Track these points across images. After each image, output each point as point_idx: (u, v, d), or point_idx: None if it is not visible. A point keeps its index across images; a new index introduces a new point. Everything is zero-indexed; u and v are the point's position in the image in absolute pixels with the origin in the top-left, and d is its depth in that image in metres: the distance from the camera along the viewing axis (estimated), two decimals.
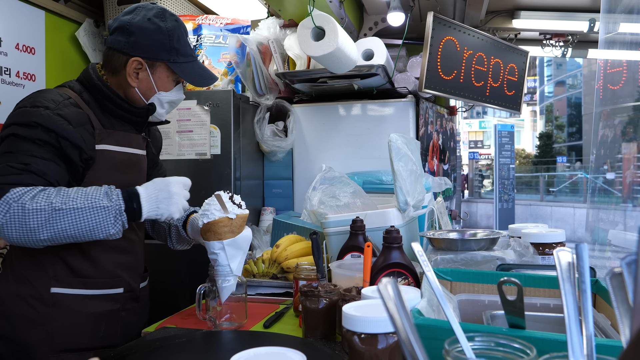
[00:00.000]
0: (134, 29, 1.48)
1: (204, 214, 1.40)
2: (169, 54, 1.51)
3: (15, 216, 1.24)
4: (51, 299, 1.42)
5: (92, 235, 1.30)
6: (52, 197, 1.27)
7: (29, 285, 1.42)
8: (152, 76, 1.53)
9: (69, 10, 2.62)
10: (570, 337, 0.59)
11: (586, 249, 0.63)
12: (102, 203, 1.29)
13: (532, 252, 1.37)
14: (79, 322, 1.44)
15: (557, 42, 3.19)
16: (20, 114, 1.37)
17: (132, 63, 1.49)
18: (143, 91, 1.54)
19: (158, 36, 1.49)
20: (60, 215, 1.26)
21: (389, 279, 0.44)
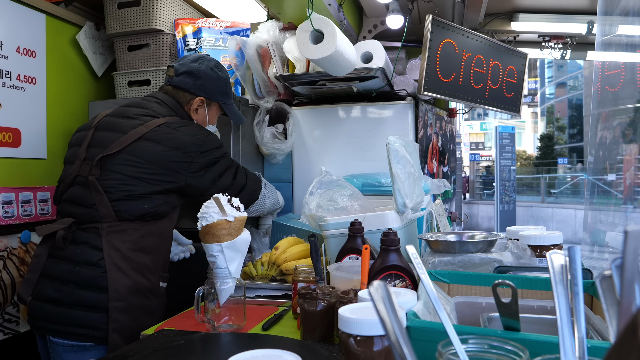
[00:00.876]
0: (202, 74, 1.91)
1: (203, 216, 1.41)
2: (223, 96, 1.99)
3: (265, 190, 2.12)
4: (160, 291, 1.74)
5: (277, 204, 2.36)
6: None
7: (145, 279, 1.68)
8: (208, 112, 1.98)
9: (69, 14, 2.63)
10: (562, 339, 0.60)
11: (579, 252, 0.63)
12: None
13: (529, 255, 1.38)
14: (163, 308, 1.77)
15: (556, 44, 3.19)
16: (214, 140, 1.84)
17: (197, 101, 1.92)
18: (199, 123, 1.95)
19: (218, 83, 1.96)
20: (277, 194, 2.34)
21: (380, 282, 0.44)
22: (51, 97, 2.49)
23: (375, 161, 2.54)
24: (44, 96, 2.46)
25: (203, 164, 1.75)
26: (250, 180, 1.96)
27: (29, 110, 2.36)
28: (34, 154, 2.39)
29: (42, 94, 2.45)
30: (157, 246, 1.74)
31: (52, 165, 2.46)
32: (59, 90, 2.56)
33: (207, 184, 1.77)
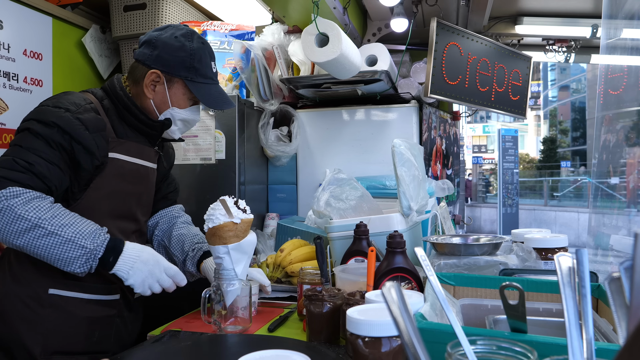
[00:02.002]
0: (159, 43, 1.54)
1: (209, 218, 1.41)
2: (187, 71, 1.55)
3: (2, 213, 1.26)
4: (48, 299, 1.43)
5: (59, 265, 1.31)
6: (42, 211, 1.29)
7: (26, 285, 1.43)
8: (168, 91, 1.56)
9: (75, 17, 2.65)
10: (570, 341, 0.60)
11: (586, 254, 0.64)
12: (83, 242, 1.31)
13: (534, 257, 1.38)
14: (74, 325, 1.45)
15: (560, 47, 3.20)
16: (41, 112, 1.40)
17: (150, 75, 1.54)
18: (157, 104, 1.58)
19: (180, 53, 1.53)
20: (39, 233, 1.28)
21: (393, 283, 0.45)
22: None
23: (379, 164, 2.55)
24: None
25: (19, 129, 1.41)
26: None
27: None
28: None
29: (49, 96, 2.46)
30: None
31: None
32: None
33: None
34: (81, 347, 1.46)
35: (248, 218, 1.45)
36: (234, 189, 2.36)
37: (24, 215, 1.26)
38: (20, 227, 1.26)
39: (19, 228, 1.26)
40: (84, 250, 1.30)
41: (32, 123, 1.37)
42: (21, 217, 1.26)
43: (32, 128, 1.36)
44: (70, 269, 1.31)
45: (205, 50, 1.59)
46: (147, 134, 1.61)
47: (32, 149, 1.34)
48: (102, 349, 1.50)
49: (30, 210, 1.27)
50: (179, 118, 1.62)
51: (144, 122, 1.57)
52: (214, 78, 1.62)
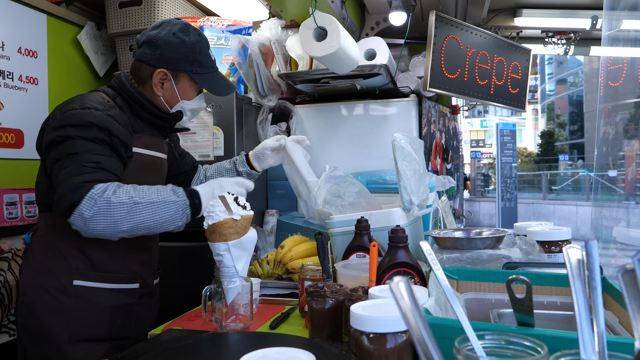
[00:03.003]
0: (160, 42, 1.61)
1: (209, 215, 1.40)
2: (191, 65, 1.63)
3: (101, 209, 1.34)
4: (73, 290, 1.51)
5: (164, 227, 1.44)
6: (130, 192, 1.40)
7: (52, 277, 1.51)
8: (176, 86, 1.65)
9: (70, 14, 2.63)
10: (581, 335, 0.59)
11: (596, 246, 0.62)
12: (172, 198, 1.44)
13: (538, 250, 1.37)
14: (97, 314, 1.53)
15: (559, 39, 3.18)
16: (73, 116, 1.45)
17: (158, 74, 1.62)
18: (168, 100, 1.67)
19: (182, 49, 1.61)
20: (140, 208, 1.38)
21: (401, 277, 0.44)
22: (53, 98, 2.49)
23: (378, 159, 2.53)
24: (46, 97, 2.45)
25: (50, 140, 1.45)
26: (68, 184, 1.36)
27: (31, 111, 2.35)
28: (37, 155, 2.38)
29: (45, 95, 2.45)
30: (71, 239, 1.52)
31: None
32: (61, 90, 2.56)
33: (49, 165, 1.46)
34: (104, 334, 1.55)
35: (248, 215, 1.43)
36: None
37: (120, 201, 1.36)
38: (122, 212, 1.36)
39: (121, 214, 1.36)
40: (176, 204, 1.44)
41: (70, 130, 1.43)
42: (119, 203, 1.36)
43: (72, 135, 1.43)
44: (175, 225, 1.45)
45: (202, 41, 1.67)
46: (161, 126, 1.70)
47: (88, 151, 1.42)
48: (123, 335, 1.59)
49: (122, 196, 1.37)
50: (189, 109, 1.72)
51: (158, 115, 1.65)
52: (214, 66, 1.71)
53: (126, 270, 1.60)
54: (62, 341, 1.48)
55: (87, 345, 1.51)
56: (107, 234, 1.39)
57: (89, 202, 1.33)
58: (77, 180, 1.36)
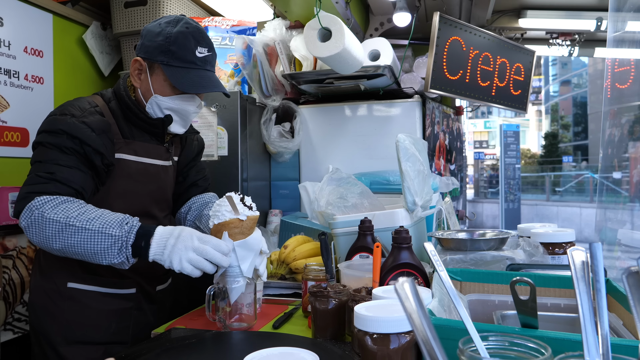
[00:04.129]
0: (145, 32, 1.56)
1: (215, 214, 1.40)
2: (164, 55, 1.51)
3: (35, 222, 1.31)
4: (67, 292, 1.52)
5: (97, 259, 1.32)
6: (70, 211, 1.32)
7: (50, 279, 1.54)
8: (150, 78, 1.54)
9: (76, 14, 2.64)
10: (585, 337, 0.59)
11: (600, 248, 0.62)
12: (111, 231, 1.30)
13: (541, 252, 1.37)
14: (92, 317, 1.53)
15: (563, 41, 3.17)
16: (49, 122, 1.46)
17: (134, 63, 1.55)
18: (143, 92, 1.58)
19: (158, 38, 1.51)
20: (72, 231, 1.30)
21: (406, 278, 0.44)
22: (58, 97, 2.50)
23: (382, 159, 2.54)
24: (51, 96, 2.46)
25: (34, 144, 1.47)
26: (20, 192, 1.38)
27: (36, 110, 2.36)
28: None
29: (50, 94, 2.45)
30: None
31: None
32: (67, 89, 2.56)
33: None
34: (99, 337, 1.54)
35: (254, 215, 1.43)
36: (236, 186, 2.35)
37: (54, 218, 1.31)
38: (52, 230, 1.30)
39: (52, 231, 1.31)
40: (114, 238, 1.30)
41: (43, 136, 1.44)
42: (52, 220, 1.31)
43: (43, 141, 1.43)
44: (108, 260, 1.31)
45: (188, 34, 1.52)
46: (151, 132, 1.62)
47: (49, 160, 1.40)
48: (120, 339, 1.58)
49: (59, 213, 1.31)
50: (165, 107, 1.57)
51: (145, 120, 1.59)
52: (198, 63, 1.54)
53: (120, 275, 1.57)
54: (57, 342, 1.50)
55: (82, 347, 1.51)
56: (42, 247, 1.36)
57: (27, 212, 1.33)
58: (25, 190, 1.36)
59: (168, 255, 1.30)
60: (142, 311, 1.65)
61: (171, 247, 1.30)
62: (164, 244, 1.31)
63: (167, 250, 1.30)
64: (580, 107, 32.13)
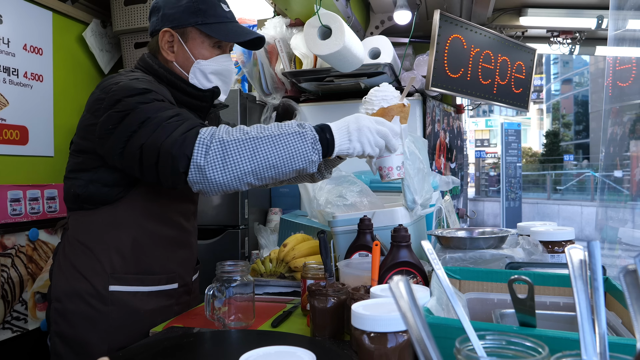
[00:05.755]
0: (160, 3, 1.45)
1: (383, 98, 1.37)
2: (195, 16, 1.42)
3: (217, 153, 1.16)
4: (109, 297, 1.38)
5: (293, 163, 1.20)
6: (243, 129, 1.20)
7: (85, 282, 1.37)
8: (186, 45, 1.44)
9: (76, 11, 2.63)
10: (582, 336, 0.59)
11: (598, 247, 0.62)
12: (296, 129, 1.21)
13: (541, 250, 1.36)
14: (137, 320, 1.41)
15: (564, 39, 3.17)
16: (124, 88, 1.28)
17: (163, 36, 1.44)
18: (182, 63, 1.46)
19: (182, 2, 1.42)
20: (260, 143, 1.17)
21: (401, 277, 0.43)
22: (58, 95, 2.50)
23: None
24: (50, 93, 2.46)
25: (108, 123, 1.26)
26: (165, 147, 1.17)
27: (36, 108, 2.36)
28: (42, 152, 2.39)
29: (49, 92, 2.45)
30: (105, 241, 1.39)
31: (60, 163, 2.46)
32: (66, 87, 2.56)
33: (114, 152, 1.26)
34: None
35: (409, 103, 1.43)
36: None
37: (235, 138, 1.17)
38: (240, 150, 1.17)
39: (239, 153, 1.17)
40: (303, 135, 1.20)
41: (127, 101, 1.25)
42: (234, 141, 1.17)
43: (132, 104, 1.25)
44: (307, 160, 1.21)
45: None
46: (198, 107, 1.50)
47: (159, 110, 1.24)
48: None
49: (235, 134, 1.18)
50: (210, 71, 1.47)
51: (194, 94, 1.47)
52: (229, 17, 1.48)
53: (165, 270, 1.48)
54: (101, 352, 1.34)
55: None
56: (230, 182, 1.17)
57: (201, 148, 1.15)
58: (173, 137, 1.17)
59: (357, 140, 1.25)
60: (181, 305, 1.56)
61: (357, 132, 1.25)
62: (346, 131, 1.26)
63: (353, 136, 1.25)
64: (581, 105, 32.11)
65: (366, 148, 1.27)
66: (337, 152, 1.27)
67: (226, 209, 2.39)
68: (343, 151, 1.27)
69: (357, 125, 1.26)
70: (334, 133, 1.25)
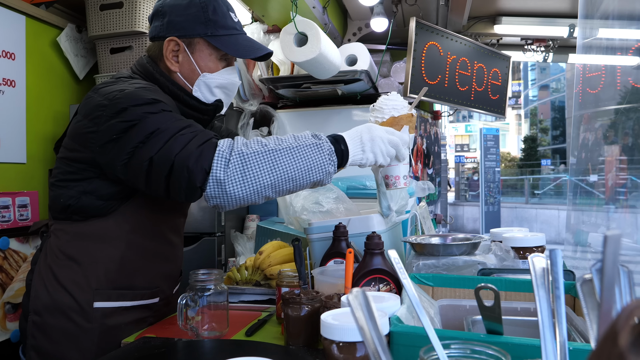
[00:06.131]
0: (166, 8, 1.37)
1: (394, 107, 1.40)
2: (205, 27, 1.35)
3: (236, 166, 1.13)
4: (93, 313, 1.32)
5: (311, 175, 1.20)
6: (261, 141, 1.18)
7: (69, 296, 1.31)
8: (192, 56, 1.37)
9: (50, 16, 2.60)
10: (544, 342, 0.60)
11: (560, 254, 0.63)
12: (313, 141, 1.20)
13: (512, 256, 1.38)
14: (118, 334, 1.36)
15: (538, 47, 3.23)
16: (130, 96, 1.22)
17: (168, 44, 1.36)
18: (186, 75, 1.40)
19: (191, 10, 1.35)
20: (278, 155, 1.16)
21: (359, 289, 0.43)
22: (31, 101, 2.45)
23: None
24: (23, 99, 2.42)
25: (112, 132, 1.20)
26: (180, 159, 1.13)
27: (8, 114, 2.32)
28: (13, 159, 2.35)
29: (22, 97, 2.41)
30: (93, 255, 1.33)
31: (32, 170, 2.42)
32: (40, 93, 2.52)
33: (117, 163, 1.21)
34: None
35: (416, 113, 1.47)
36: None
37: (254, 151, 1.15)
38: (259, 164, 1.14)
39: (258, 166, 1.14)
40: (319, 147, 1.19)
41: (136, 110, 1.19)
42: (253, 154, 1.14)
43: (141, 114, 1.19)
44: (324, 172, 1.21)
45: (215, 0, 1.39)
46: (199, 120, 1.41)
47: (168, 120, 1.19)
48: None
49: (253, 146, 1.16)
50: (215, 85, 1.42)
51: (197, 108, 1.42)
52: (238, 28, 1.43)
53: (149, 285, 1.44)
54: None
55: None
56: (250, 196, 1.16)
57: (221, 161, 1.12)
58: (188, 149, 1.13)
59: (371, 150, 1.26)
60: (158, 317, 1.52)
61: (370, 143, 1.26)
62: (359, 142, 1.26)
63: (366, 147, 1.26)
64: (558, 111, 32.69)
65: (379, 158, 1.29)
66: (351, 162, 1.27)
67: (202, 216, 2.37)
68: (356, 161, 1.28)
69: (370, 136, 1.27)
70: (348, 143, 1.25)
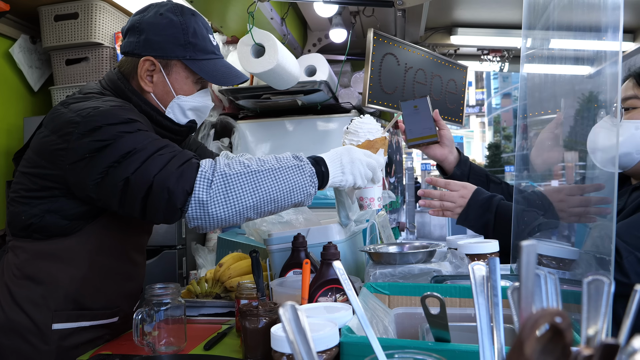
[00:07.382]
0: (144, 25, 1.33)
1: (369, 131, 1.44)
2: (184, 50, 1.33)
3: (219, 187, 1.12)
4: (51, 335, 1.27)
5: (292, 197, 1.21)
6: (243, 162, 1.18)
7: (26, 318, 1.26)
8: (168, 77, 1.35)
9: (2, 26, 2.53)
10: (482, 349, 0.61)
11: (497, 262, 0.65)
12: (294, 162, 1.22)
13: (467, 263, 1.41)
14: (73, 355, 1.31)
15: (494, 57, 3.32)
16: (105, 114, 1.17)
17: (143, 64, 1.33)
18: (160, 96, 1.37)
19: (170, 30, 1.32)
20: (260, 177, 1.16)
21: (290, 303, 0.44)
22: None
23: None
24: None
25: (84, 151, 1.15)
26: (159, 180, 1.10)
27: None
28: None
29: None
30: (53, 275, 1.28)
31: None
32: None
33: (89, 182, 1.16)
34: None
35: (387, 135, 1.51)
36: None
37: (237, 172, 1.14)
38: (242, 185, 1.14)
39: (241, 187, 1.14)
40: (301, 170, 1.21)
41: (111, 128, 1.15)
42: (236, 175, 1.14)
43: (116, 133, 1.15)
44: (305, 193, 1.23)
45: (198, 21, 1.37)
46: (172, 139, 1.37)
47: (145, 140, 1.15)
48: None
49: (235, 167, 1.16)
50: (189, 107, 1.40)
51: (170, 128, 1.39)
52: (217, 52, 1.42)
53: (110, 305, 1.40)
54: None
55: None
56: (232, 217, 1.15)
57: (204, 182, 1.11)
58: (168, 170, 1.10)
59: (350, 172, 1.30)
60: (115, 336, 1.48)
61: (350, 165, 1.29)
62: (339, 164, 1.29)
63: (346, 169, 1.29)
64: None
65: (357, 180, 1.32)
66: (331, 184, 1.30)
67: (162, 229, 2.34)
68: (336, 183, 1.31)
69: (349, 158, 1.30)
70: (328, 165, 1.28)
